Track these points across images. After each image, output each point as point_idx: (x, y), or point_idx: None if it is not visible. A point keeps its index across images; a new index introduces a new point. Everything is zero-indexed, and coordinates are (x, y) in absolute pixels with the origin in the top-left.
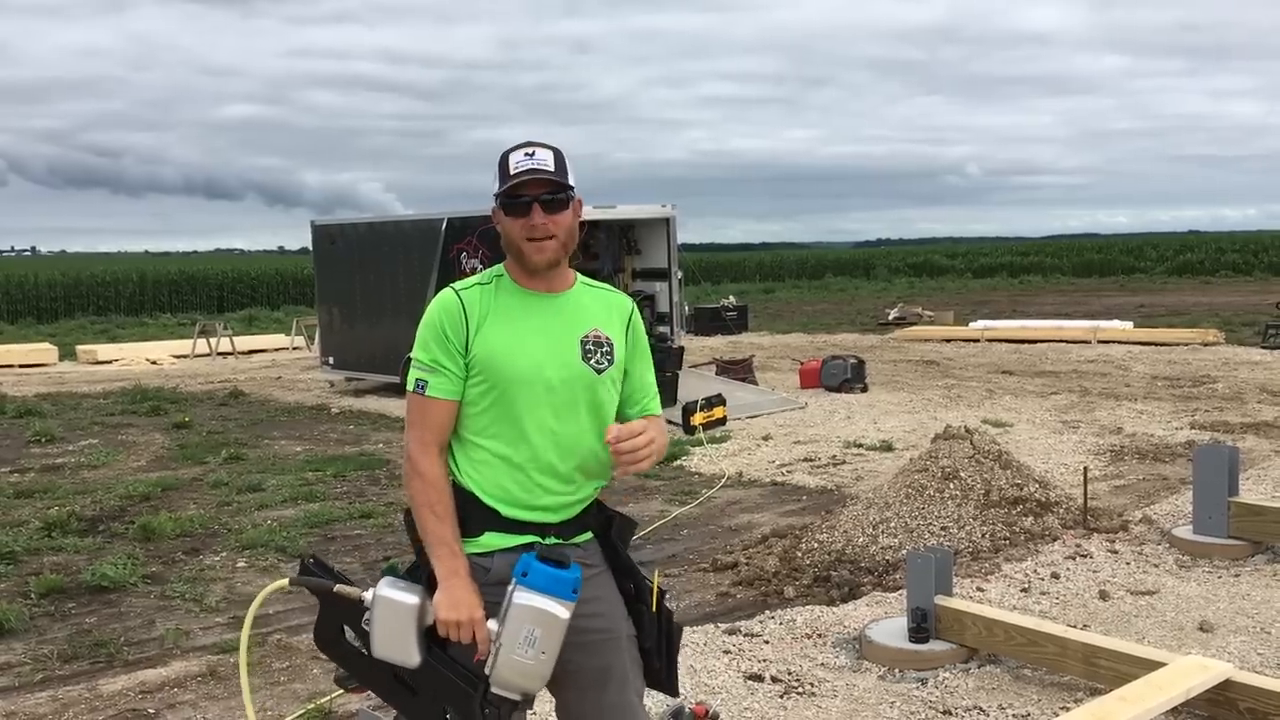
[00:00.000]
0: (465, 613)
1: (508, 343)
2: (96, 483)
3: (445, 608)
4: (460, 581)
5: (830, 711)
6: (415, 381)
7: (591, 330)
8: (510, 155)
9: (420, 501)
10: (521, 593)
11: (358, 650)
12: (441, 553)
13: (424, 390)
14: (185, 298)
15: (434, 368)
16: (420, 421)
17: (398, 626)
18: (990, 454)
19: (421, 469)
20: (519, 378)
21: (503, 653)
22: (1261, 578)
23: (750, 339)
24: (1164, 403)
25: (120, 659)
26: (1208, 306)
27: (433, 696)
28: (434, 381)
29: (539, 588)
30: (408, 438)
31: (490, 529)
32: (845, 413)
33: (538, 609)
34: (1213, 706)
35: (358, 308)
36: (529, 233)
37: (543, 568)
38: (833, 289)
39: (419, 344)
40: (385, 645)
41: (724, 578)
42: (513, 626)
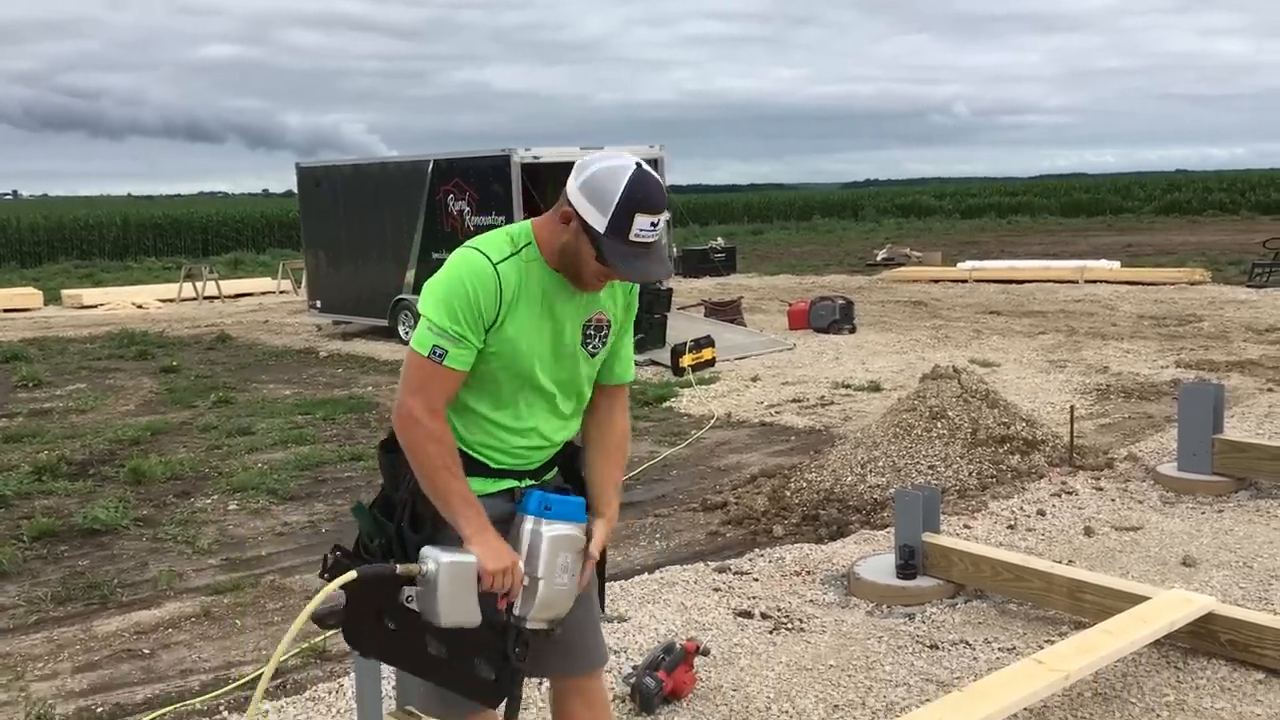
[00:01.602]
0: (508, 559)
1: (529, 332)
2: (85, 427)
3: (490, 560)
4: (492, 533)
5: (819, 646)
6: (433, 349)
7: (596, 314)
8: (637, 213)
9: (438, 465)
10: (551, 525)
11: (392, 632)
12: (468, 511)
13: (442, 360)
14: (170, 241)
15: (458, 338)
16: (430, 388)
17: (464, 589)
18: (978, 393)
19: (436, 433)
20: (527, 360)
21: (543, 586)
22: (1244, 513)
23: (738, 280)
24: (1150, 342)
25: (114, 600)
26: (1195, 246)
27: (464, 654)
28: (454, 353)
29: (564, 517)
30: (410, 403)
31: (475, 475)
32: (833, 353)
33: (569, 536)
34: (1195, 639)
35: (344, 251)
36: (604, 276)
37: (563, 499)
38: (820, 230)
39: (442, 307)
40: (453, 611)
41: (713, 517)
42: (549, 558)
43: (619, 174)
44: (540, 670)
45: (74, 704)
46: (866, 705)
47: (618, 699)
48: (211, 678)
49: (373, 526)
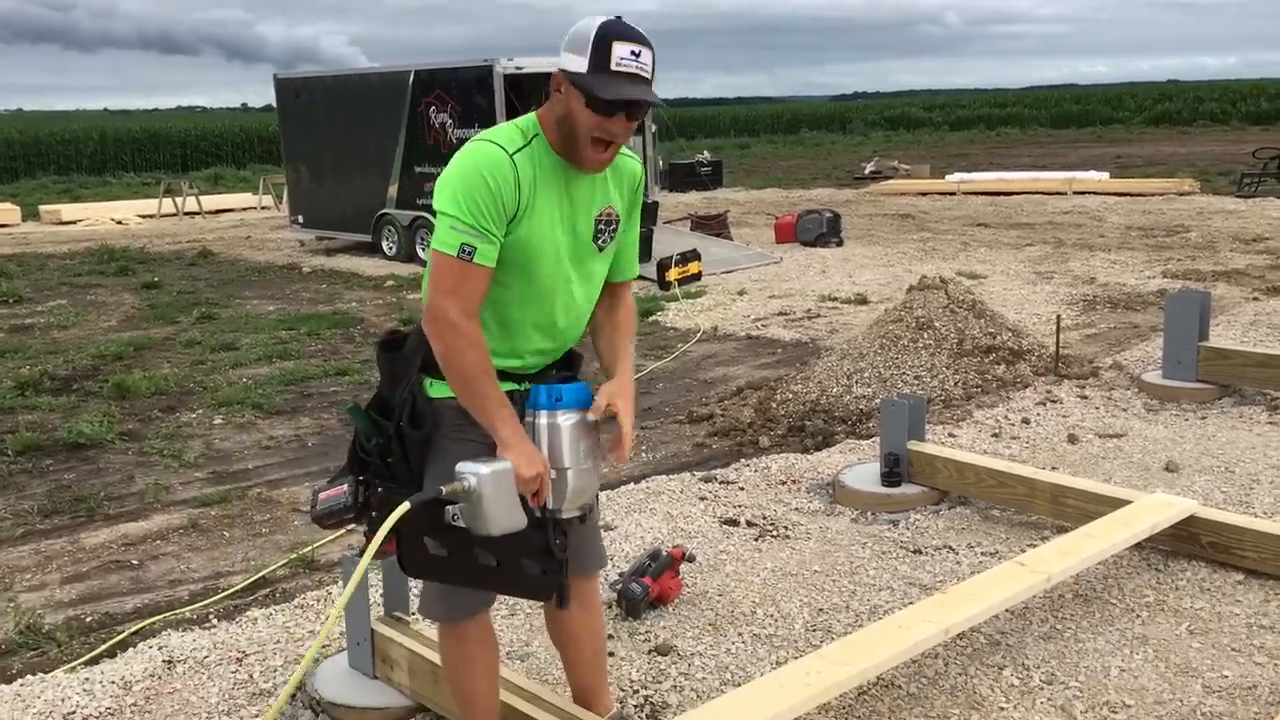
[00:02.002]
0: (540, 464)
1: (546, 224)
2: (68, 343)
3: (525, 465)
4: (524, 437)
5: (804, 553)
6: (461, 247)
7: (606, 208)
8: (614, 44)
9: (478, 370)
10: (566, 415)
11: (445, 549)
12: (503, 414)
13: (472, 257)
14: (148, 156)
15: (484, 233)
16: (462, 289)
17: (508, 495)
18: (964, 304)
19: (474, 338)
20: (543, 255)
21: (572, 476)
22: (1227, 419)
23: (725, 194)
24: (1137, 252)
25: (101, 513)
26: (1184, 156)
27: (513, 556)
28: (483, 249)
29: (576, 404)
30: (444, 305)
31: None
32: (820, 267)
33: (581, 423)
34: (1176, 541)
35: (326, 165)
36: (602, 133)
37: (569, 387)
38: (808, 144)
39: (464, 202)
40: (502, 518)
41: (700, 429)
42: (571, 447)
43: (593, 19)
44: None
45: (63, 614)
46: (850, 609)
47: (604, 605)
48: (200, 587)
49: (369, 426)
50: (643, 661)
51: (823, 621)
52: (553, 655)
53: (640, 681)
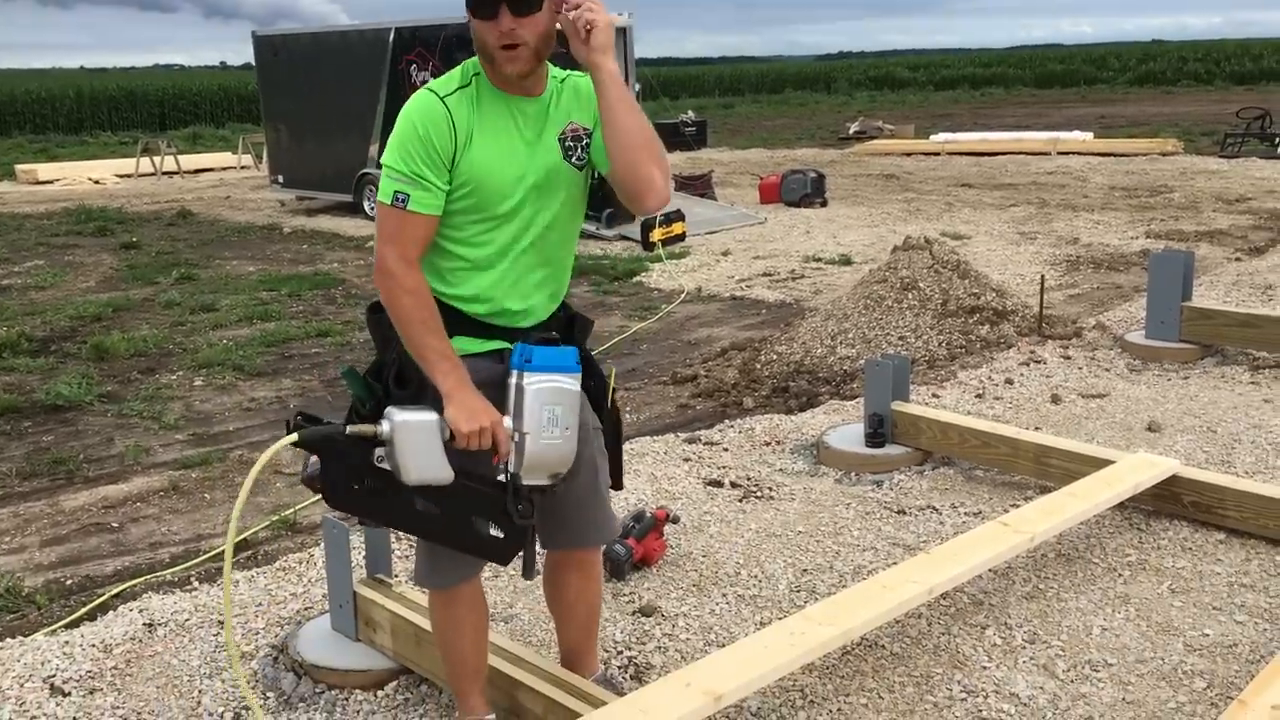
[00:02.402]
0: (485, 418)
1: (495, 158)
2: (45, 304)
3: (464, 420)
4: (469, 391)
5: (788, 513)
6: (394, 195)
7: (569, 125)
8: None
9: (414, 318)
10: (531, 377)
11: (372, 492)
12: (444, 366)
13: (405, 204)
14: (126, 115)
15: (416, 179)
16: (399, 236)
17: (427, 446)
18: (949, 264)
19: (409, 285)
20: (504, 190)
21: (529, 441)
22: (1210, 379)
23: (709, 154)
24: (1121, 213)
25: (80, 475)
26: (1168, 116)
27: (460, 512)
28: (416, 195)
29: (547, 367)
30: (384, 253)
31: (461, 333)
32: (804, 227)
33: (554, 387)
34: (1159, 501)
35: (306, 124)
36: (499, 39)
37: (543, 349)
38: (793, 103)
39: (396, 151)
40: (419, 469)
41: (684, 390)
42: (533, 413)
43: None
44: (546, 542)
45: (43, 576)
46: (834, 569)
47: None
48: (181, 550)
49: (363, 390)
50: (627, 623)
51: (807, 582)
52: (536, 617)
53: (624, 642)
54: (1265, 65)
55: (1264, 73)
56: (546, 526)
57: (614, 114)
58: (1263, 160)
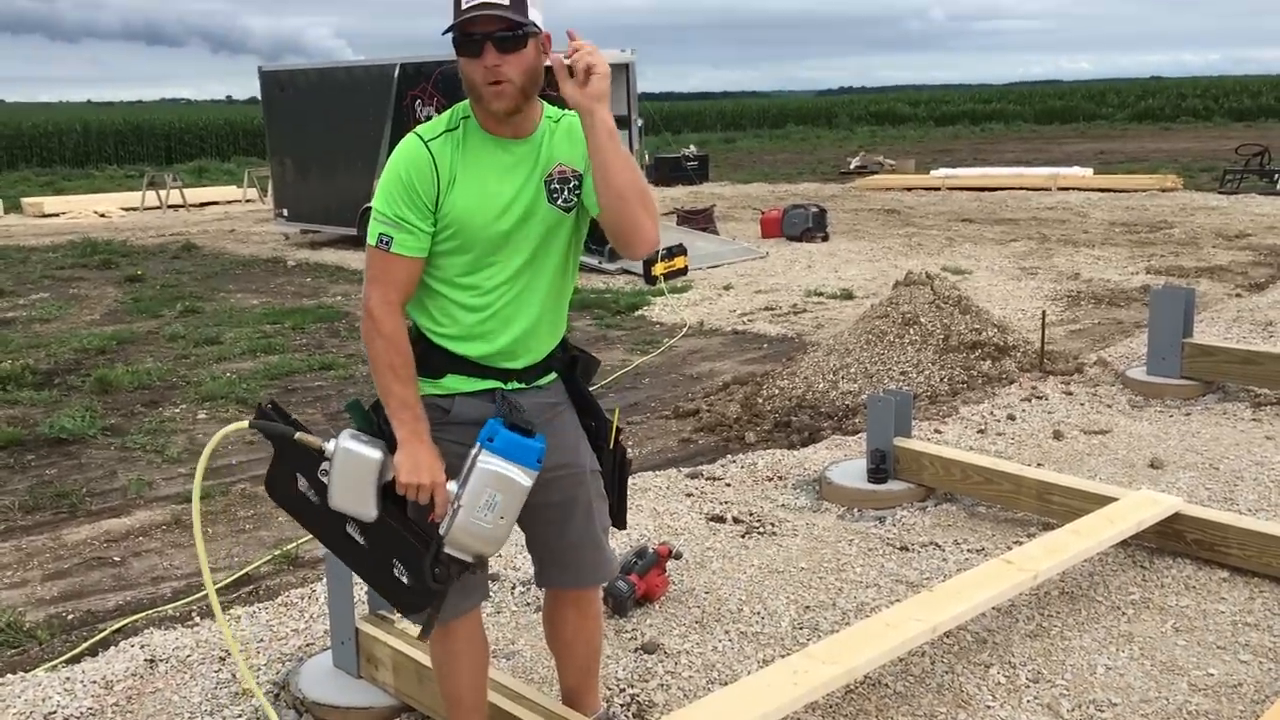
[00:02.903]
0: (426, 475)
1: (479, 201)
2: (50, 336)
3: (406, 470)
4: (422, 444)
5: (790, 549)
6: (379, 237)
7: (556, 167)
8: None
9: (383, 363)
10: (486, 457)
11: (309, 499)
12: (404, 415)
13: (388, 246)
14: (132, 149)
15: (399, 223)
16: (383, 278)
17: (358, 479)
18: (950, 299)
19: (385, 329)
20: (488, 231)
21: (461, 514)
22: (1211, 416)
23: (711, 189)
24: (1121, 248)
25: (83, 509)
26: (1168, 153)
27: (383, 551)
28: (399, 238)
29: (504, 454)
30: (368, 293)
31: (453, 372)
32: (806, 261)
33: (501, 474)
34: (1162, 538)
35: (311, 158)
36: (485, 76)
37: (509, 435)
38: (794, 138)
39: (382, 195)
40: (343, 497)
41: (686, 424)
42: (475, 489)
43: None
44: (542, 580)
45: (44, 611)
46: (837, 606)
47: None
48: (183, 584)
49: (363, 421)
50: (629, 660)
51: (809, 619)
52: (538, 654)
53: (627, 680)
54: (1263, 102)
55: (1262, 109)
56: (543, 566)
57: (605, 163)
58: (1262, 196)
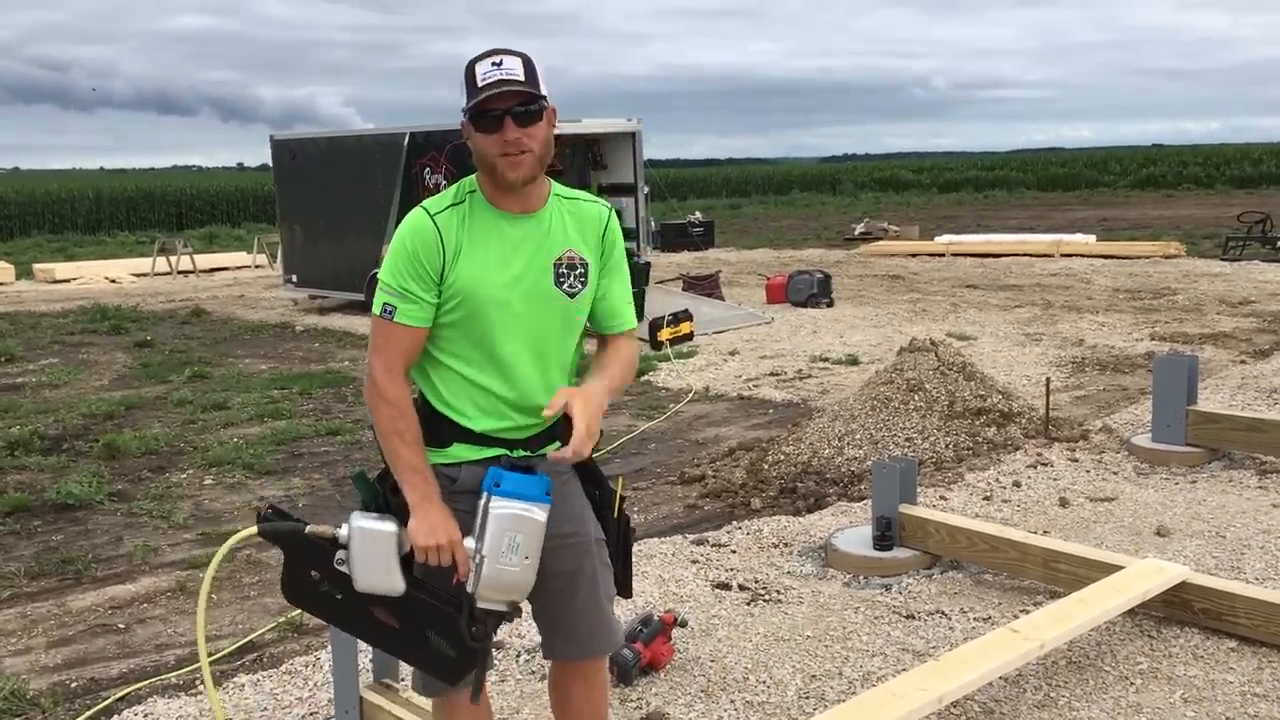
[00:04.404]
0: (443, 536)
1: (483, 273)
2: (58, 401)
3: (423, 534)
4: (434, 506)
5: (796, 617)
6: (383, 306)
7: (565, 252)
8: (476, 65)
9: (389, 429)
10: (498, 502)
11: (330, 595)
12: (413, 480)
13: (392, 316)
14: (143, 215)
15: (404, 294)
16: (386, 346)
17: (379, 555)
18: (954, 366)
19: (389, 395)
20: (492, 306)
21: (487, 565)
22: (1217, 483)
23: (717, 255)
24: (1125, 315)
25: (88, 575)
26: (1170, 220)
27: (416, 625)
28: (403, 308)
29: (515, 494)
30: (372, 361)
31: (459, 441)
32: (811, 327)
33: (517, 514)
34: (1169, 607)
35: (320, 224)
36: (503, 149)
37: (515, 476)
38: (799, 204)
39: (388, 267)
40: (368, 577)
41: (691, 490)
42: (494, 537)
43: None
44: (548, 652)
45: (48, 679)
46: (843, 675)
47: None
48: (187, 652)
49: (368, 493)
50: None
51: (815, 688)
52: None
53: None
54: (1265, 170)
55: (1264, 177)
56: (549, 637)
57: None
58: (1264, 263)
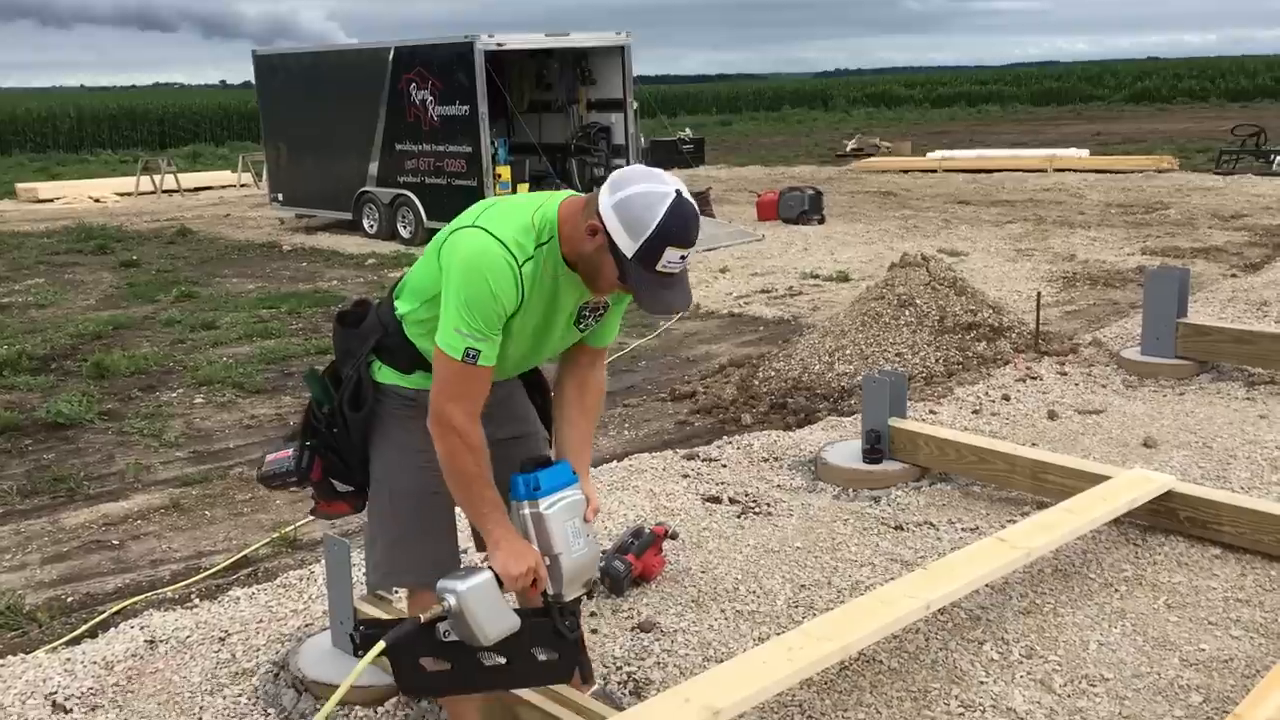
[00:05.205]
0: (531, 558)
1: (532, 319)
2: (46, 322)
3: (513, 564)
4: (513, 533)
5: (786, 529)
6: (465, 352)
7: (596, 300)
8: (667, 250)
9: (473, 474)
10: (546, 502)
11: (444, 670)
12: (495, 515)
13: (476, 360)
14: (126, 134)
15: (487, 337)
16: (468, 393)
17: (493, 604)
18: (946, 281)
19: (475, 443)
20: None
21: (564, 560)
22: (1205, 395)
23: (707, 172)
24: (1117, 229)
25: (81, 493)
26: (1163, 133)
27: (521, 648)
28: (486, 351)
29: (556, 488)
30: (449, 410)
31: (422, 369)
32: (802, 244)
33: (567, 504)
34: (1154, 516)
35: (305, 143)
36: (619, 290)
37: (548, 472)
38: (790, 121)
39: (467, 310)
40: (492, 628)
41: (682, 406)
42: (558, 533)
43: (657, 203)
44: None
45: (44, 594)
46: (832, 584)
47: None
48: (182, 567)
49: (322, 393)
50: (626, 638)
51: (805, 597)
52: None
53: (623, 658)
54: (1260, 82)
55: (1259, 90)
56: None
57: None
58: (1258, 177)
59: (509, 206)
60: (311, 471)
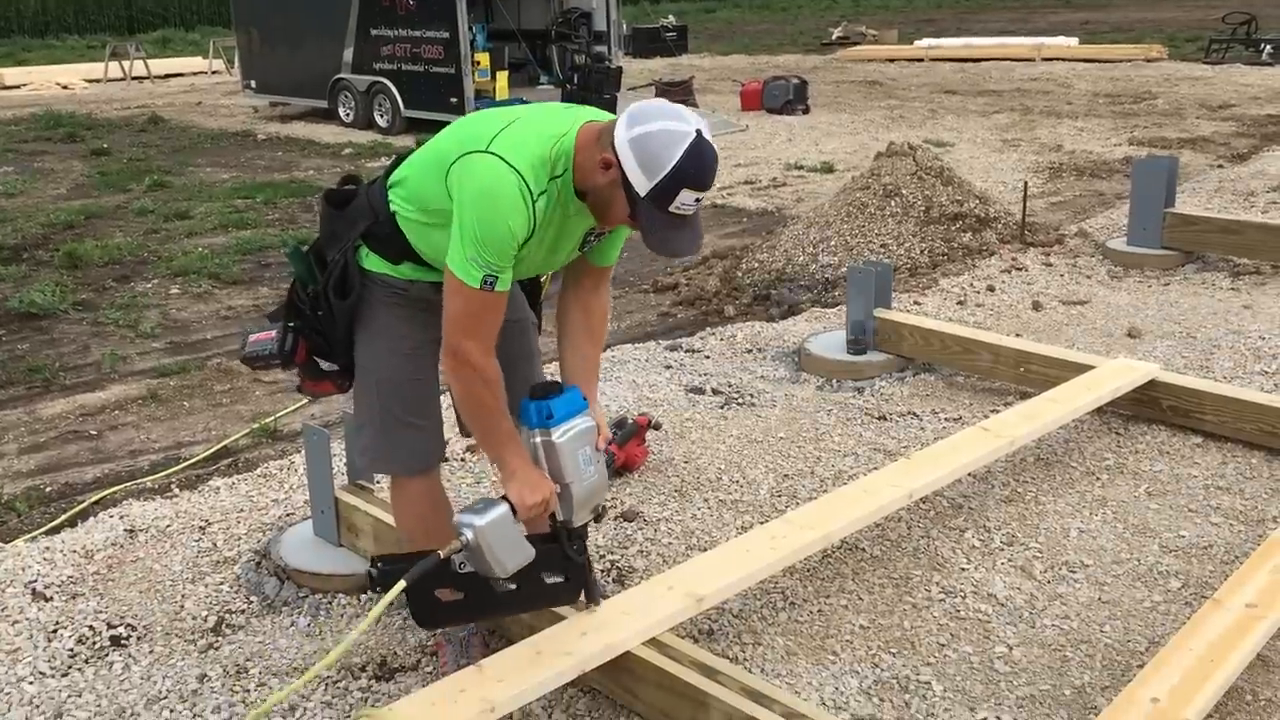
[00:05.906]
0: (546, 489)
1: (536, 250)
2: (16, 211)
3: (529, 493)
4: (529, 463)
5: (769, 420)
6: (484, 279)
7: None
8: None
9: (489, 407)
10: (559, 430)
11: (459, 600)
12: (511, 446)
13: (493, 287)
14: (92, 18)
15: (502, 266)
16: (483, 324)
17: (510, 536)
18: (932, 171)
19: (491, 376)
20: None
21: (575, 488)
22: (1190, 286)
23: (690, 60)
24: (1104, 120)
25: (57, 384)
26: (1153, 22)
27: (531, 576)
28: (503, 278)
29: (567, 416)
30: (465, 344)
31: (410, 262)
32: (786, 134)
33: (579, 431)
34: (1137, 405)
35: (278, 28)
36: (628, 226)
37: (558, 400)
38: (775, 7)
39: (482, 243)
40: (509, 560)
41: (665, 298)
42: (570, 461)
43: (675, 142)
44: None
45: (22, 484)
46: (815, 474)
47: None
48: (161, 457)
49: (307, 273)
50: (609, 527)
51: (788, 487)
52: None
53: (607, 547)
54: None
55: None
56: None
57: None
58: (1247, 67)
59: (528, 130)
60: (295, 354)
